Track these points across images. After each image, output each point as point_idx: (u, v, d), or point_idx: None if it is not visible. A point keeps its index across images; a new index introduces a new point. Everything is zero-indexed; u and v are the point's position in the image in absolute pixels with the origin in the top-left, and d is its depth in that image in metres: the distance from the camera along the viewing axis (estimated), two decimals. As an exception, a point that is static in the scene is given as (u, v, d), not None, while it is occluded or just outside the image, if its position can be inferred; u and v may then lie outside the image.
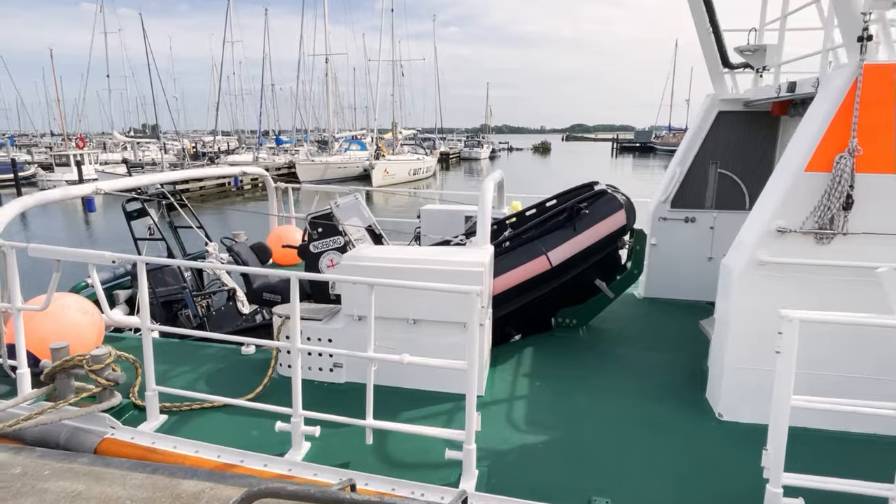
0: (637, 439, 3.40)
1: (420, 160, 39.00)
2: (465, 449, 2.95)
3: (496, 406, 3.76)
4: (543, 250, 4.37)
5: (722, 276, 3.70)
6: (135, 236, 5.44)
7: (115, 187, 4.71)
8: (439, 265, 3.68)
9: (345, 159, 37.61)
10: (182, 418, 3.56)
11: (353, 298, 3.86)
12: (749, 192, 5.79)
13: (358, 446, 3.25)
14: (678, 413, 3.71)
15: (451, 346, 3.78)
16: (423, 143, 50.66)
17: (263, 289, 5.25)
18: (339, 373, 4.02)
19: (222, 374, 4.15)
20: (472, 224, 6.25)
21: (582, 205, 4.45)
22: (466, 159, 66.27)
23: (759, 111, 5.57)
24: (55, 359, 3.53)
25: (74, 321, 3.97)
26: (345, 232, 4.79)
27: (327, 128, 48.95)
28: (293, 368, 3.10)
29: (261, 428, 3.44)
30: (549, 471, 3.10)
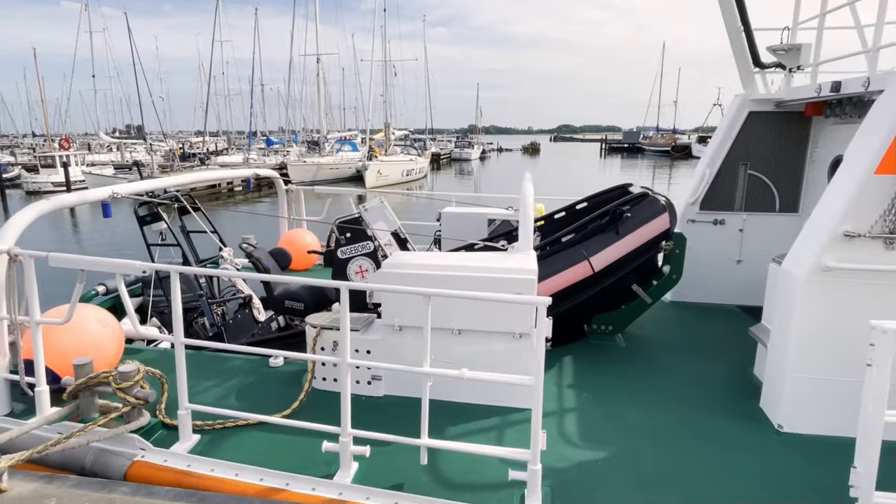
0: (699, 455, 3.24)
1: (413, 161, 38.74)
2: (531, 469, 2.77)
3: (547, 420, 3.59)
4: (585, 255, 4.20)
5: (781, 282, 3.56)
6: (147, 242, 5.19)
7: (132, 191, 4.46)
8: (489, 272, 3.50)
9: (337, 160, 37.25)
10: (216, 437, 3.34)
11: (393, 307, 3.66)
12: (779, 194, 5.69)
13: (409, 466, 3.05)
14: (735, 425, 3.56)
15: (496, 356, 3.61)
16: (413, 144, 50.42)
17: (285, 296, 5.03)
18: (377, 386, 3.82)
19: (251, 388, 3.93)
20: (495, 227, 6.08)
21: (624, 208, 4.29)
22: (457, 160, 66.13)
23: (791, 111, 5.47)
24: (79, 376, 3.29)
25: (95, 334, 3.72)
26: (374, 237, 4.59)
27: (319, 128, 48.58)
28: (342, 384, 2.90)
29: (301, 447, 3.23)
30: (614, 491, 2.94)
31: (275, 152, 42.48)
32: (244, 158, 37.79)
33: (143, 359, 4.25)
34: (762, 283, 5.87)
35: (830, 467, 3.09)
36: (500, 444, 3.33)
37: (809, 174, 5.57)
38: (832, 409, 3.35)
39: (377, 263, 4.59)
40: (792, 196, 5.68)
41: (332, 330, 3.79)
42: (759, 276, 5.86)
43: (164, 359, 4.32)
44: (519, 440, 3.34)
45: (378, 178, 33.94)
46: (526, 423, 3.57)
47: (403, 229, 5.27)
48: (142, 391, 3.23)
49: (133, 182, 4.78)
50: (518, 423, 3.53)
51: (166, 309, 5.46)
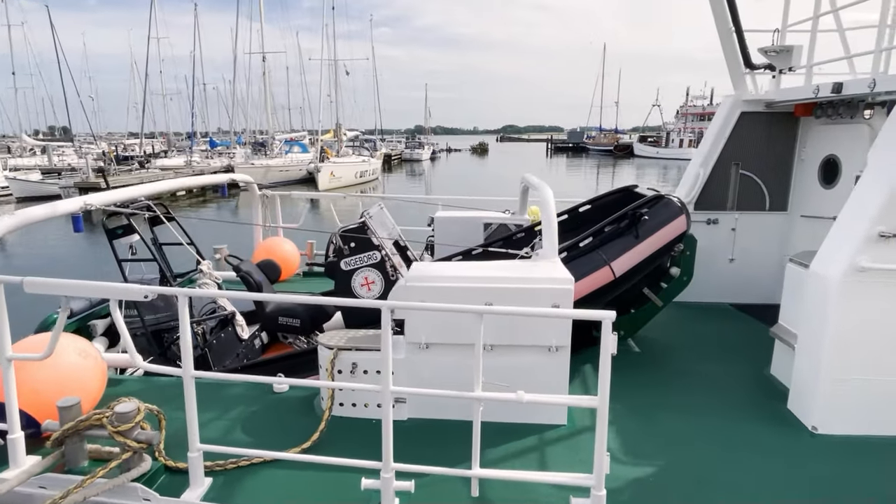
0: (743, 462, 3.16)
1: (366, 162, 38.05)
2: (595, 496, 2.59)
3: (586, 436, 3.41)
4: (606, 260, 4.07)
5: (811, 283, 3.54)
6: (118, 258, 4.64)
7: (105, 201, 3.94)
8: (525, 283, 3.29)
9: (286, 162, 36.06)
10: (230, 480, 2.96)
11: (418, 324, 3.38)
12: (769, 193, 5.80)
13: (456, 499, 2.81)
14: (767, 428, 3.51)
15: (528, 371, 3.40)
16: (364, 145, 49.63)
17: (279, 312, 4.64)
18: (400, 409, 3.53)
19: (258, 418, 3.55)
20: (491, 231, 5.88)
21: (643, 210, 4.19)
22: (408, 161, 65.68)
23: (781, 112, 5.57)
24: (65, 419, 2.83)
25: (75, 367, 3.24)
26: (382, 246, 4.28)
27: (266, 129, 46.87)
28: (384, 413, 2.61)
29: (329, 484, 2.91)
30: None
31: (219, 154, 40.66)
32: (186, 161, 35.90)
33: (126, 391, 3.78)
34: (754, 282, 5.98)
35: (874, 469, 3.08)
36: (543, 465, 3.13)
37: (798, 173, 5.70)
38: (869, 409, 3.36)
39: (385, 275, 4.28)
40: (781, 195, 5.80)
41: (350, 351, 3.47)
42: (751, 274, 5.96)
43: (153, 390, 3.85)
44: (563, 460, 3.16)
45: (331, 180, 33.09)
46: (563, 440, 3.40)
47: (402, 237, 4.99)
48: (143, 433, 2.81)
49: (104, 191, 4.25)
50: (556, 442, 3.35)
51: (139, 331, 4.93)
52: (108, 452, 2.99)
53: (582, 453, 3.24)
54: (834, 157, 5.17)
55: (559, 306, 3.29)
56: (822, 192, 5.35)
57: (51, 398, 3.09)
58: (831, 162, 5.21)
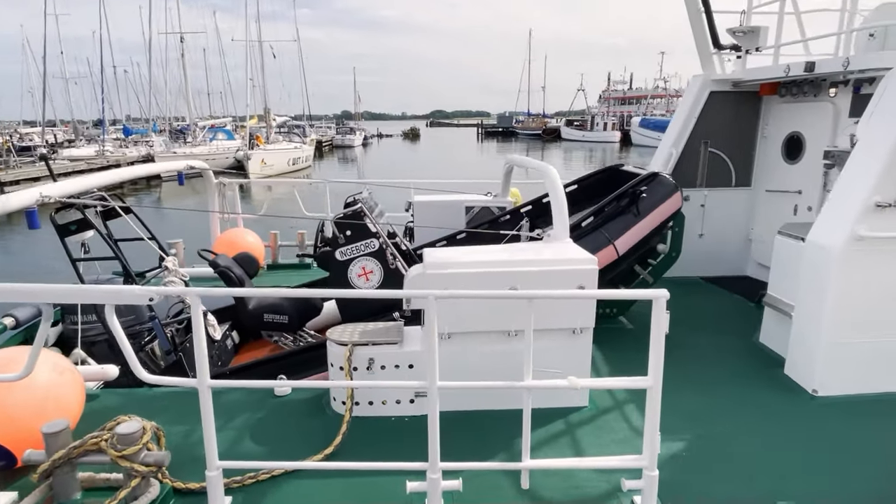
0: (762, 432, 3.26)
1: (299, 149, 36.55)
2: (647, 476, 2.56)
3: (610, 416, 3.39)
4: (609, 239, 4.05)
5: (808, 254, 3.68)
6: (72, 257, 4.07)
7: (64, 192, 3.41)
8: (550, 265, 3.18)
9: (211, 150, 33.99)
10: (250, 496, 2.68)
11: (440, 313, 3.20)
12: (735, 169, 6.04)
13: (503, 493, 2.69)
14: (771, 394, 3.66)
15: (553, 354, 3.32)
16: (293, 130, 47.69)
17: (263, 309, 4.28)
18: (420, 404, 3.34)
19: (265, 426, 3.25)
20: (473, 215, 5.74)
21: (642, 188, 4.20)
22: (339, 147, 63.94)
23: (747, 91, 5.79)
24: (53, 447, 2.43)
25: (51, 385, 2.79)
26: (379, 234, 4.02)
27: (184, 115, 43.85)
28: (430, 410, 2.44)
29: (359, 491, 2.70)
30: (715, 482, 2.83)
31: (134, 143, 37.63)
32: (98, 151, 32.91)
33: (105, 406, 3.35)
34: (721, 255, 6.24)
35: (885, 424, 3.28)
36: (578, 449, 3.07)
37: (761, 150, 5.97)
38: (866, 370, 3.56)
39: (384, 264, 4.04)
40: (746, 171, 6.06)
41: (366, 346, 3.24)
42: (718, 248, 6.22)
43: (136, 403, 3.43)
44: (595, 442, 3.12)
45: (262, 168, 31.56)
46: (590, 423, 3.36)
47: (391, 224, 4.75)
48: (151, 455, 2.47)
49: (60, 182, 3.68)
50: (583, 425, 3.30)
51: (99, 338, 4.40)
52: (106, 480, 2.62)
53: (613, 434, 3.21)
54: (798, 134, 5.44)
55: (584, 287, 3.22)
56: (785, 168, 5.63)
57: (26, 423, 2.66)
58: (795, 139, 5.49)
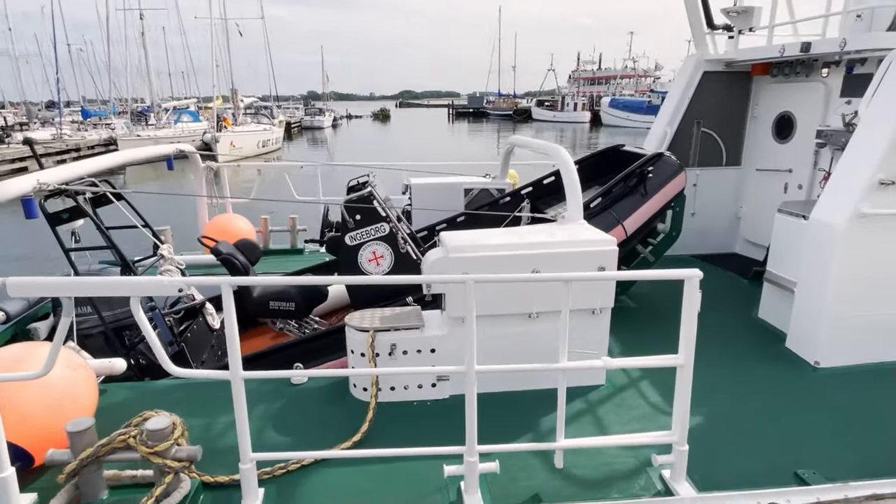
0: (770, 404, 3.37)
1: (268, 130, 35.59)
2: (677, 451, 2.63)
3: (627, 394, 3.45)
4: (618, 219, 4.08)
5: (812, 231, 3.78)
6: (65, 247, 3.87)
7: (60, 179, 3.22)
8: (572, 247, 3.19)
9: (177, 133, 32.83)
10: (282, 487, 2.64)
11: (460, 297, 3.18)
12: (726, 149, 6.15)
13: (536, 473, 2.72)
14: (778, 369, 3.78)
15: (573, 334, 3.35)
16: (261, 111, 46.39)
17: (269, 296, 4.18)
18: (441, 387, 3.34)
19: (286, 415, 3.19)
20: (472, 197, 5.71)
21: (648, 168, 4.23)
22: (308, 128, 62.59)
23: (739, 71, 5.87)
24: (79, 445, 2.33)
25: (65, 382, 2.67)
26: (390, 217, 3.94)
27: (144, 97, 42.08)
28: (468, 393, 2.43)
29: (388, 477, 2.70)
30: (735, 455, 2.92)
31: (94, 126, 35.99)
32: (54, 134, 31.35)
33: (117, 401, 3.24)
34: (711, 233, 6.38)
35: (887, 391, 3.43)
36: (601, 427, 3.12)
37: (751, 130, 6.09)
38: (866, 342, 3.71)
39: (395, 248, 3.98)
40: (736, 151, 6.17)
41: (388, 332, 3.20)
42: (708, 226, 6.35)
43: (148, 396, 3.33)
44: (617, 419, 3.17)
45: (231, 150, 30.66)
46: (608, 400, 3.41)
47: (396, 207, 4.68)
48: (182, 449, 2.40)
49: (55, 167, 3.46)
50: (602, 403, 3.36)
51: (93, 330, 4.23)
52: (132, 477, 2.53)
53: (633, 410, 3.28)
54: (788, 114, 5.56)
55: (605, 268, 3.24)
56: (776, 147, 5.76)
57: (42, 423, 2.56)
58: (785, 118, 5.61)
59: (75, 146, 29.23)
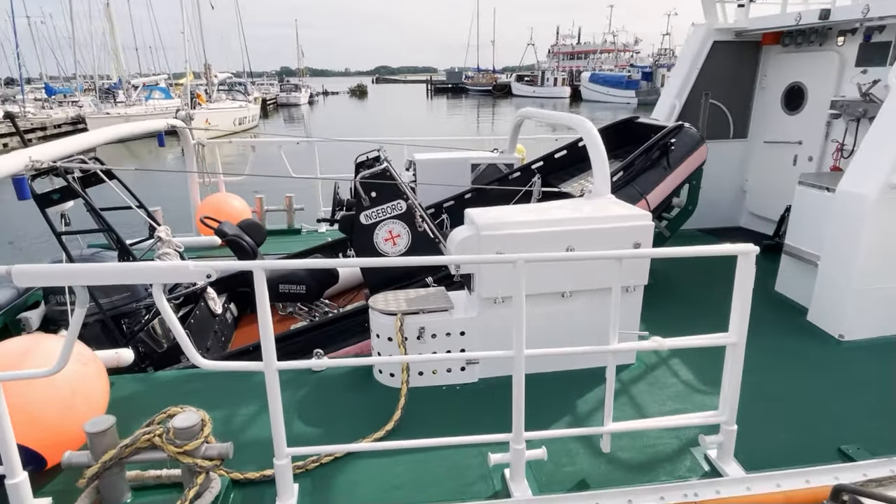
0: (804, 378, 3.34)
1: (244, 108, 34.49)
2: (726, 430, 2.56)
3: (658, 373, 3.37)
4: (641, 193, 3.95)
5: (840, 203, 3.71)
6: (56, 230, 3.59)
7: (53, 156, 2.93)
8: (609, 223, 3.06)
9: (148, 110, 31.62)
10: (317, 481, 2.49)
11: (493, 278, 3.03)
12: (733, 121, 6.05)
13: (581, 458, 2.63)
14: (803, 342, 3.74)
15: (604, 313, 3.24)
16: (235, 88, 44.93)
17: (279, 280, 3.98)
18: (471, 371, 3.21)
19: (312, 404, 3.03)
20: (479, 172, 5.52)
21: (671, 140, 4.09)
22: (285, 105, 60.97)
23: (747, 41, 5.73)
24: (99, 446, 2.14)
25: (77, 377, 2.46)
26: (407, 194, 3.74)
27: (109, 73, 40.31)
28: (516, 379, 2.29)
29: (424, 466, 2.57)
30: (776, 431, 2.87)
31: (59, 104, 34.41)
32: (17, 113, 29.87)
33: (127, 394, 3.04)
34: (716, 207, 6.32)
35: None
36: (639, 408, 3.04)
37: (758, 101, 5.99)
38: (890, 313, 3.69)
39: (412, 226, 3.79)
40: (742, 123, 6.08)
41: (416, 315, 3.04)
42: (714, 200, 6.28)
43: (159, 388, 3.13)
44: (652, 399, 3.09)
45: (207, 128, 29.68)
46: (640, 380, 3.32)
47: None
48: (213, 447, 2.22)
49: (47, 144, 3.16)
50: (635, 382, 3.28)
51: (89, 319, 3.98)
52: (157, 477, 2.35)
53: (666, 389, 3.20)
54: (799, 85, 5.47)
55: (640, 244, 3.12)
56: (785, 118, 5.67)
57: (53, 422, 2.36)
58: (796, 89, 5.51)
59: (41, 125, 27.93)
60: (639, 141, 4.69)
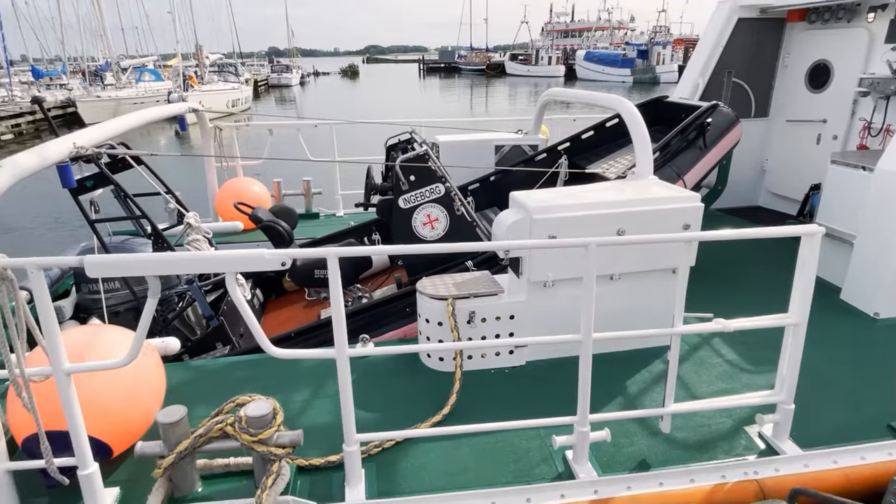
0: (844, 355, 3.37)
1: (237, 90, 33.90)
2: (783, 409, 2.58)
3: (703, 353, 3.39)
4: (678, 174, 3.93)
5: (879, 182, 3.71)
6: (90, 218, 3.52)
7: (94, 141, 2.86)
8: (659, 205, 3.04)
9: (139, 93, 31.04)
10: (382, 467, 2.50)
11: (544, 261, 3.01)
12: (755, 100, 6.01)
13: (637, 438, 2.65)
14: (840, 320, 3.77)
15: (651, 296, 3.25)
16: (225, 69, 44.11)
17: (314, 265, 3.94)
18: (519, 354, 3.21)
19: (360, 389, 3.01)
20: (503, 154, 5.47)
21: (708, 120, 4.06)
22: (276, 86, 60.04)
23: (772, 18, 5.67)
24: (172, 437, 2.12)
25: (139, 368, 2.43)
26: (446, 178, 3.70)
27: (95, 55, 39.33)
28: (583, 363, 2.29)
29: (484, 449, 2.59)
30: (823, 410, 2.89)
31: (46, 87, 33.66)
32: (4, 96, 29.21)
33: (177, 381, 3.02)
34: (735, 187, 6.30)
35: None
36: (687, 387, 3.06)
37: (780, 79, 5.95)
38: None
39: (450, 210, 3.75)
40: (764, 101, 6.04)
41: (467, 299, 3.02)
42: (734, 180, 6.26)
43: (208, 376, 3.11)
44: (699, 379, 3.11)
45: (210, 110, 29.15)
46: (685, 360, 3.34)
47: None
48: (285, 435, 2.21)
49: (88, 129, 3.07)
50: (682, 363, 3.29)
51: (121, 307, 3.95)
52: (225, 465, 2.35)
53: (713, 369, 3.22)
54: (825, 62, 5.43)
55: (690, 226, 3.12)
56: (809, 97, 5.64)
57: (118, 412, 2.34)
58: (821, 66, 5.47)
59: (29, 109, 27.34)
60: (668, 121, 4.65)
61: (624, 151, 4.93)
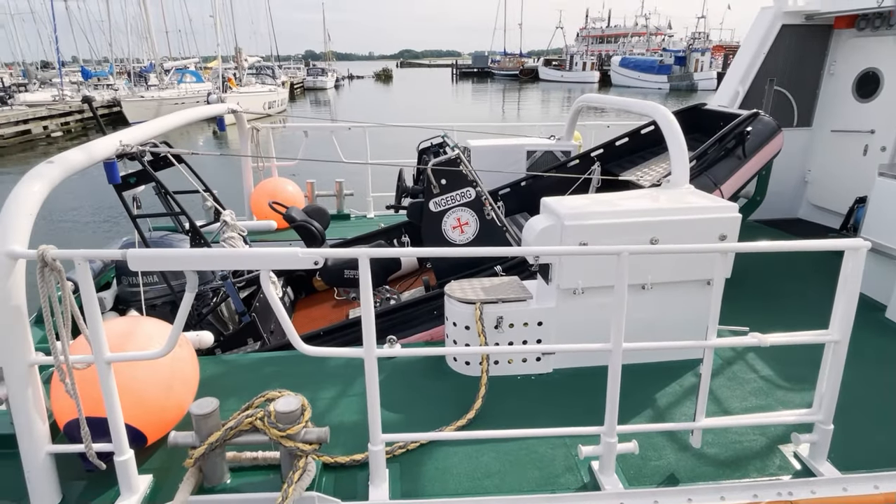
0: (887, 375, 3.23)
1: (274, 92, 34.69)
2: (821, 429, 2.48)
3: (736, 367, 3.30)
4: (715, 183, 3.84)
5: None
6: (133, 214, 3.66)
7: (139, 139, 2.98)
8: (694, 214, 2.98)
9: (181, 94, 32.04)
10: (406, 467, 2.51)
11: (575, 268, 2.98)
12: (798, 109, 5.83)
13: (665, 452, 2.59)
14: (880, 338, 3.62)
15: (684, 307, 3.18)
16: (263, 71, 45.18)
17: (344, 265, 3.99)
18: (546, 361, 3.18)
19: (388, 390, 3.04)
20: (535, 159, 5.44)
21: (748, 129, 3.96)
22: (311, 89, 61.19)
23: (818, 25, 5.50)
24: (204, 428, 2.18)
25: (175, 360, 2.50)
26: (477, 182, 3.71)
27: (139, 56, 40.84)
28: (612, 372, 2.25)
29: (515, 455, 2.57)
30: (867, 430, 2.78)
31: (94, 87, 35.05)
32: (56, 96, 30.57)
33: (208, 375, 3.09)
34: (776, 198, 6.13)
35: None
36: (719, 402, 2.98)
37: (826, 88, 5.76)
38: None
39: (480, 214, 3.76)
40: (807, 111, 5.86)
41: (496, 304, 3.02)
42: (774, 190, 6.08)
43: (239, 371, 3.18)
44: (732, 394, 3.03)
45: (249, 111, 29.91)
46: (719, 375, 3.25)
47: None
48: (312, 431, 2.24)
49: (133, 128, 3.20)
50: (714, 377, 3.20)
51: (158, 300, 4.07)
52: (253, 459, 2.39)
53: (747, 385, 3.13)
54: (874, 71, 5.23)
55: (726, 237, 3.04)
56: (856, 106, 5.45)
57: (154, 402, 2.41)
58: (870, 75, 5.28)
59: (78, 108, 28.55)
60: (706, 129, 4.56)
61: (659, 159, 4.85)
